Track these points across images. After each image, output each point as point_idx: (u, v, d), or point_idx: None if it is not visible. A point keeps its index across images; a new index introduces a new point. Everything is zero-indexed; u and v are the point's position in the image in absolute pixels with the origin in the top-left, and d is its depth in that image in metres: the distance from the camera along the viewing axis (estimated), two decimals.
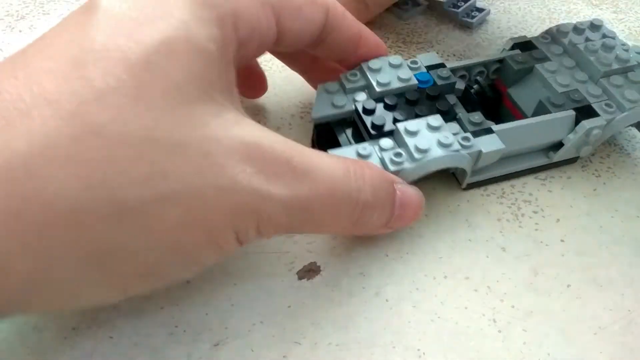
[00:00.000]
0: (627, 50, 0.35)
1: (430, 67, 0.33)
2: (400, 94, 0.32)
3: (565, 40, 0.36)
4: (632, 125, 0.36)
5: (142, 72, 0.19)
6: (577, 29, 0.37)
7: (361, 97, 0.32)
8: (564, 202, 0.33)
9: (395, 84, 0.32)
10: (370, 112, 0.31)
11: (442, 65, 0.34)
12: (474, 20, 0.45)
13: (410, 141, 0.29)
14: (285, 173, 0.22)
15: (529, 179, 0.34)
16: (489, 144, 0.30)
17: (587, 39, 0.36)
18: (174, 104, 0.20)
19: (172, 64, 0.20)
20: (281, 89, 0.38)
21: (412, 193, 0.28)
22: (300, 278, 0.29)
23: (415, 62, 0.33)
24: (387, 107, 0.31)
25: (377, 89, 0.31)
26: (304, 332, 0.27)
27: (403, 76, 0.32)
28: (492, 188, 0.34)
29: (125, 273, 0.20)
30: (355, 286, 0.29)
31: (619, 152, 0.37)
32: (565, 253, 0.31)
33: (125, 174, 0.18)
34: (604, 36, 0.36)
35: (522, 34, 0.45)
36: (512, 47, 0.36)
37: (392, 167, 0.28)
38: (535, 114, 0.33)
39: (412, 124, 0.30)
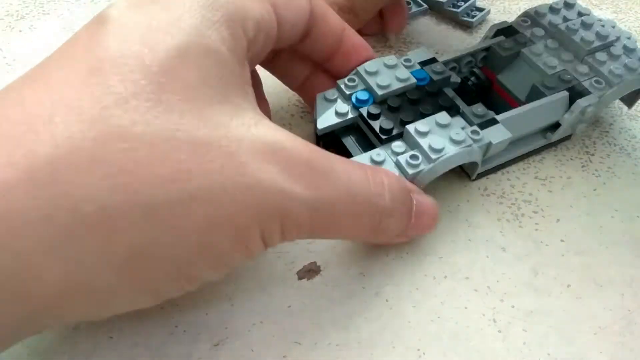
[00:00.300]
0: (604, 26, 0.35)
1: (423, 64, 0.34)
2: (401, 94, 0.32)
3: (545, 22, 0.36)
4: (619, 99, 0.37)
5: (158, 76, 0.20)
6: (553, 9, 0.37)
7: (363, 95, 0.31)
8: (564, 202, 0.33)
9: (396, 85, 0.32)
10: (375, 116, 0.30)
11: (434, 60, 0.34)
12: (474, 19, 0.45)
13: (423, 142, 0.29)
14: (307, 174, 0.22)
15: (529, 179, 0.35)
16: (497, 135, 0.30)
17: (565, 18, 0.36)
18: (192, 106, 0.20)
19: (186, 67, 0.21)
20: (281, 88, 0.38)
21: (428, 202, 0.28)
22: (300, 278, 0.29)
23: (408, 60, 0.33)
24: (392, 110, 0.31)
25: (379, 92, 0.31)
26: (304, 332, 0.27)
27: (401, 76, 0.32)
28: (492, 188, 0.34)
29: (157, 276, 0.20)
30: (355, 286, 0.29)
31: (619, 152, 0.37)
32: (565, 253, 0.31)
33: (151, 175, 0.19)
34: (580, 14, 0.37)
35: None
36: (495, 34, 0.37)
37: (410, 171, 0.28)
38: (529, 98, 0.33)
39: (422, 124, 0.29)
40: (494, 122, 0.31)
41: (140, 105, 0.19)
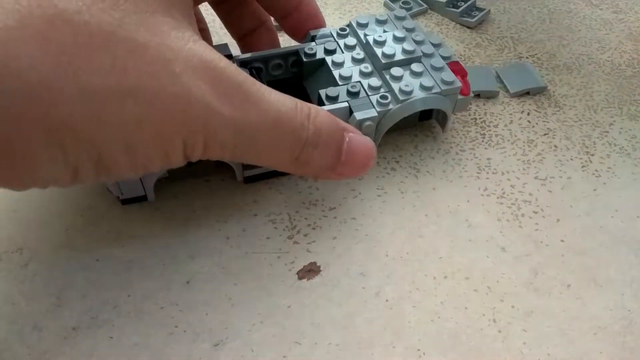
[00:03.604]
0: (419, 42, 0.35)
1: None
2: None
3: (362, 32, 0.36)
4: (435, 119, 0.36)
5: None
6: (378, 21, 0.36)
7: None
8: (564, 202, 0.33)
9: None
10: None
11: (229, 57, 0.33)
12: (474, 19, 0.45)
13: None
14: (237, 95, 0.23)
15: (529, 179, 0.34)
16: None
17: (385, 31, 0.35)
18: (136, 10, 0.21)
19: None
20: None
21: (363, 140, 0.28)
22: (300, 278, 0.29)
23: None
24: None
25: None
26: (304, 332, 0.27)
27: None
28: (492, 188, 0.34)
29: (80, 157, 0.21)
30: (355, 286, 0.29)
31: (619, 152, 0.37)
32: (565, 253, 0.31)
33: (90, 62, 0.20)
34: (404, 27, 0.36)
35: (522, 34, 0.45)
36: (312, 39, 0.36)
37: None
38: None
39: None
40: None
41: None
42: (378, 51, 0.34)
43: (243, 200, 0.32)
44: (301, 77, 0.36)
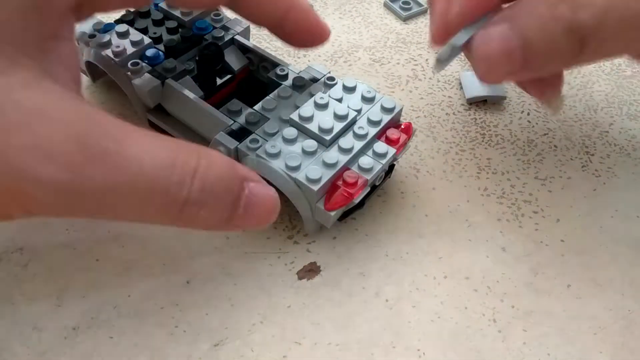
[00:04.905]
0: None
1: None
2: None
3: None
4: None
5: None
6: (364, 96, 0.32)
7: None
8: (564, 202, 0.33)
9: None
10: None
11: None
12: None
13: None
14: (70, 152, 0.19)
15: (529, 179, 0.34)
16: (146, 82, 0.32)
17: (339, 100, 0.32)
18: None
19: None
20: None
21: (265, 193, 0.24)
22: (300, 278, 0.29)
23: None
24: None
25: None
26: (304, 332, 0.27)
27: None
28: (492, 188, 0.34)
29: None
30: (355, 286, 0.29)
31: (619, 152, 0.37)
32: (565, 253, 0.31)
33: None
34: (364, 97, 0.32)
35: None
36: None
37: None
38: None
39: None
40: (179, 77, 0.33)
41: None
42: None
43: None
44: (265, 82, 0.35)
